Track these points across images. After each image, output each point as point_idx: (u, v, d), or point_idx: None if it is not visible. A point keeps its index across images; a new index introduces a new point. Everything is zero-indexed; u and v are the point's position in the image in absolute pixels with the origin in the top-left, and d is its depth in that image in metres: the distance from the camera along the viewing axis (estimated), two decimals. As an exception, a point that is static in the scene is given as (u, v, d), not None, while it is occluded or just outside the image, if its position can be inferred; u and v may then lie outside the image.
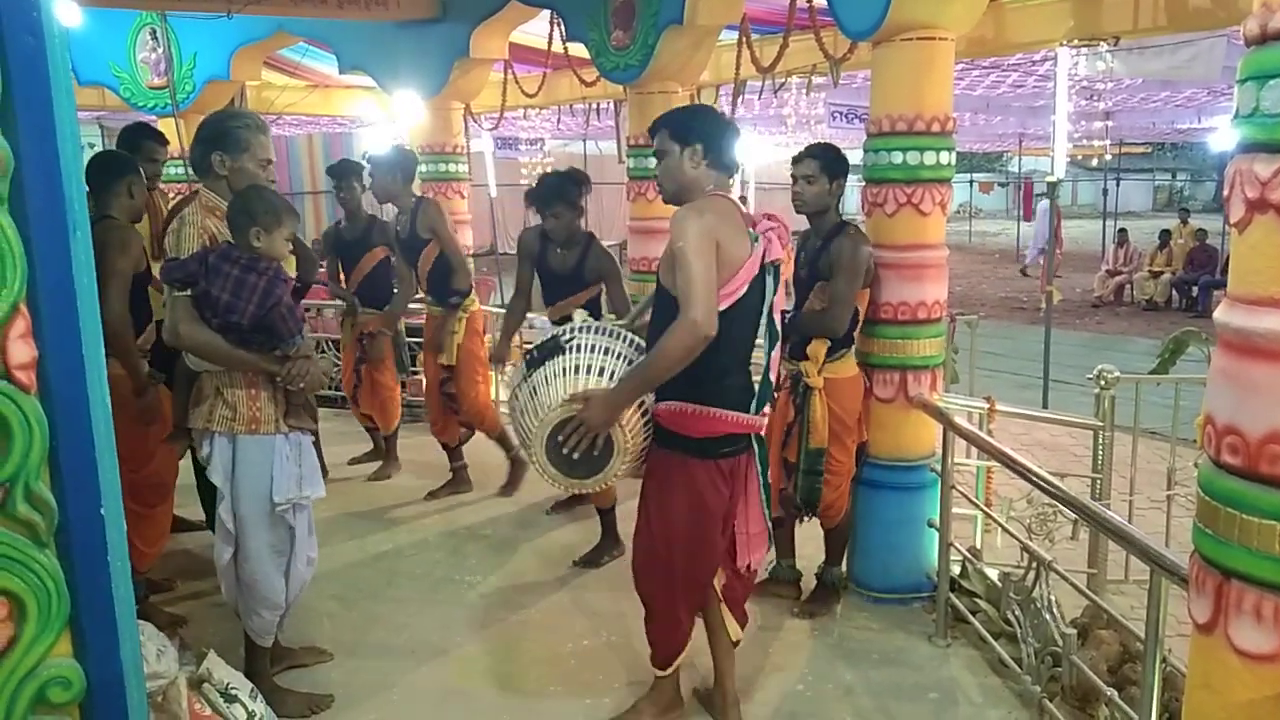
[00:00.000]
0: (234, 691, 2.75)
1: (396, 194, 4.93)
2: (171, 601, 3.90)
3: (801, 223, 3.77)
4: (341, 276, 5.48)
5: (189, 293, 2.86)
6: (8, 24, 1.34)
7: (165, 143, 4.42)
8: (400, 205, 4.97)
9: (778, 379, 3.75)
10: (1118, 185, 21.57)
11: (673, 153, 2.83)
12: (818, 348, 3.61)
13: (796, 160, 3.67)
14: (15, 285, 1.42)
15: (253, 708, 2.83)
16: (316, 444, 3.32)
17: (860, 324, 3.74)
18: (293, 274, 3.09)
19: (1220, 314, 1.73)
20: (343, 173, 5.30)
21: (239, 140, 3.00)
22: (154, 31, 6.60)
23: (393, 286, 5.34)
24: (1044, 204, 17.80)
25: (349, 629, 3.75)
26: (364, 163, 5.16)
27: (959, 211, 31.73)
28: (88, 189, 3.25)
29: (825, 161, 3.61)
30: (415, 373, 6.11)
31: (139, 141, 4.21)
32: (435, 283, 4.98)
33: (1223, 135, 13.33)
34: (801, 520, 3.89)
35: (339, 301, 5.71)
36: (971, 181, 30.77)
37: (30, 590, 1.51)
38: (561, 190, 4.24)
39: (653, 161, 5.09)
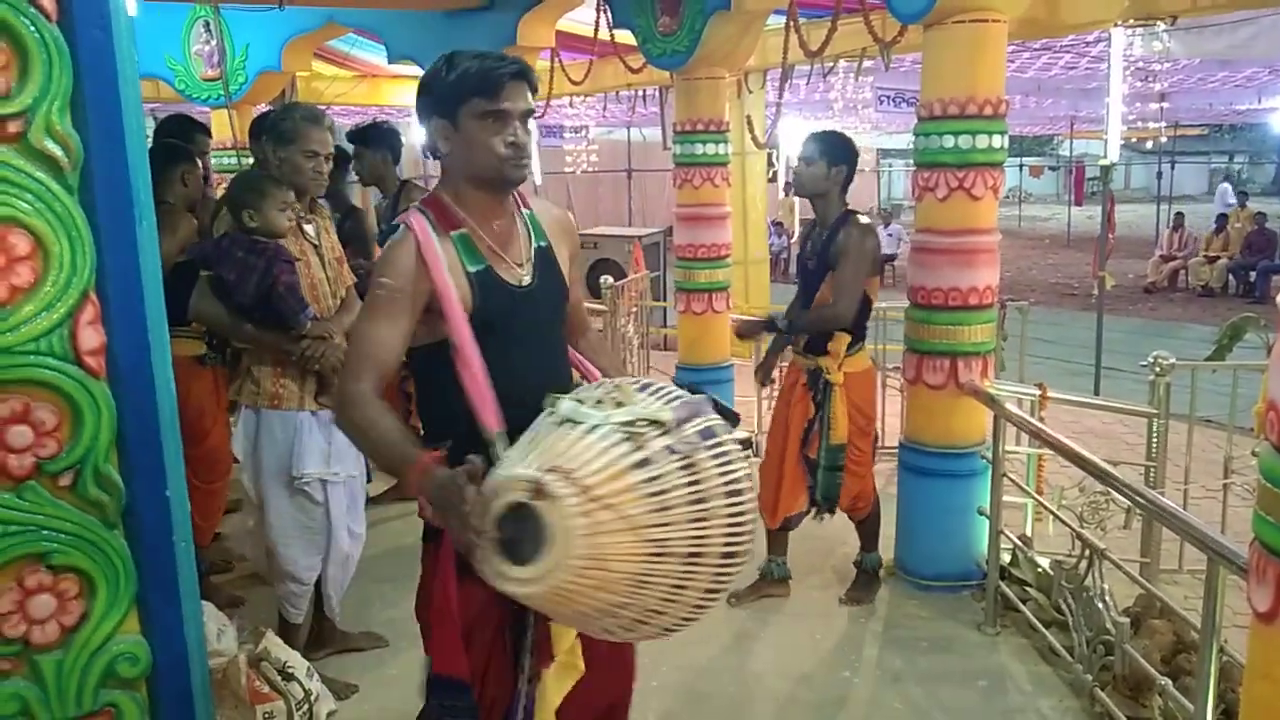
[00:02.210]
0: (291, 670, 2.82)
1: (384, 176, 4.62)
2: (231, 582, 4.00)
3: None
4: None
5: (209, 272, 3.06)
6: (79, 18, 1.38)
7: (208, 133, 4.48)
8: (385, 189, 4.65)
9: (795, 376, 3.75)
10: (1173, 168, 21.12)
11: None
12: (838, 344, 3.58)
13: (803, 144, 3.68)
14: (85, 273, 1.47)
15: (309, 686, 2.91)
16: None
17: (870, 314, 3.71)
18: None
19: (1283, 298, 1.70)
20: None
21: (285, 132, 3.09)
22: (207, 24, 6.71)
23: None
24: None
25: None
26: (348, 144, 4.65)
27: (1009, 196, 31.20)
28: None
29: (825, 145, 3.58)
30: None
31: (190, 133, 4.27)
32: None
33: (1284, 116, 12.98)
34: (821, 517, 3.85)
35: None
36: (1021, 165, 30.23)
37: (99, 569, 1.56)
38: None
39: (699, 148, 5.20)
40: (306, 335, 3.00)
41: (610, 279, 7.42)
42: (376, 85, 9.56)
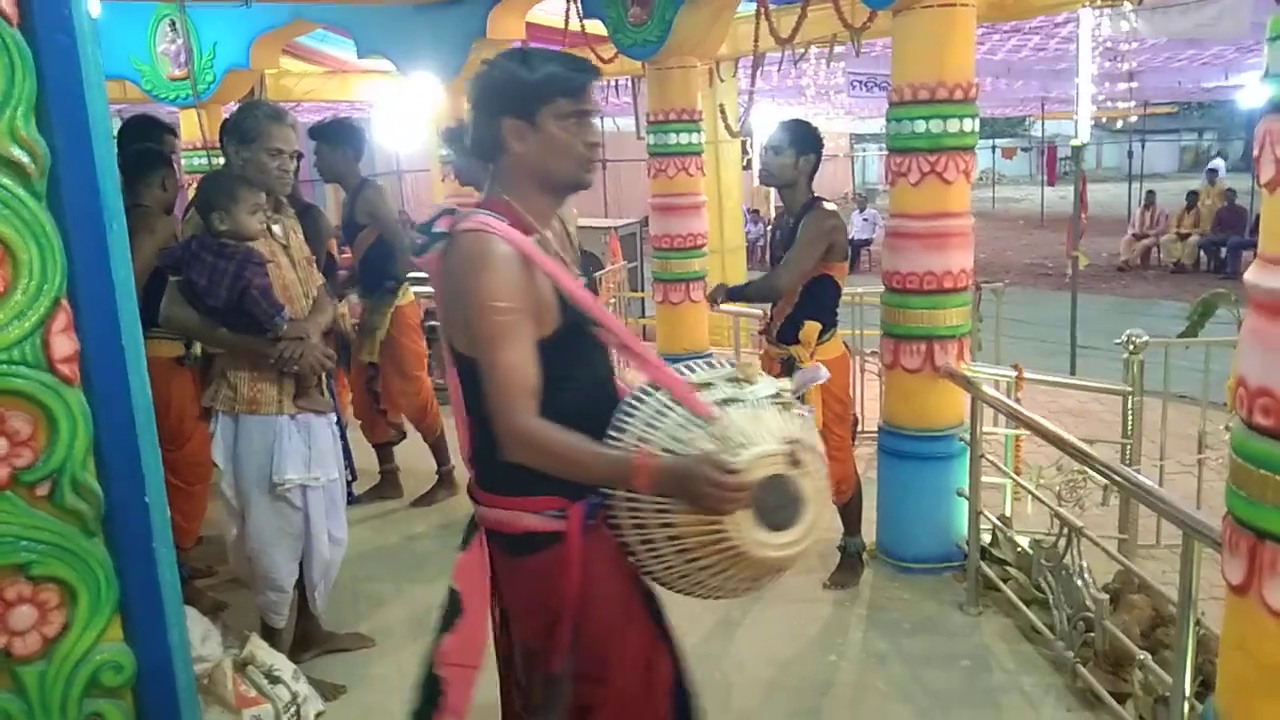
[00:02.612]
0: (277, 673, 2.82)
1: (344, 172, 4.56)
2: (213, 587, 3.98)
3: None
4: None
5: (179, 277, 3.00)
6: (40, 23, 1.36)
7: (175, 133, 4.42)
8: (346, 186, 4.61)
9: (768, 366, 3.76)
10: (1143, 147, 21.30)
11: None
12: (809, 333, 3.60)
13: (770, 134, 3.69)
14: (56, 280, 1.45)
15: (295, 688, 2.90)
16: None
17: (839, 300, 3.71)
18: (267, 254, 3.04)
19: (1251, 275, 1.72)
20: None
21: (248, 131, 3.06)
22: (173, 23, 6.64)
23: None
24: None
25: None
26: (309, 139, 4.56)
27: (982, 178, 31.31)
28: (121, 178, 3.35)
29: (793, 135, 3.60)
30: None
31: (158, 135, 4.21)
32: (367, 271, 4.66)
33: (1251, 92, 13.09)
34: None
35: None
36: (994, 147, 30.41)
37: (80, 578, 1.55)
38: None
39: (673, 138, 5.19)
40: (282, 337, 2.97)
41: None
42: (346, 80, 9.49)
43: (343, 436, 3.44)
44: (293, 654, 3.29)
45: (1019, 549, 3.66)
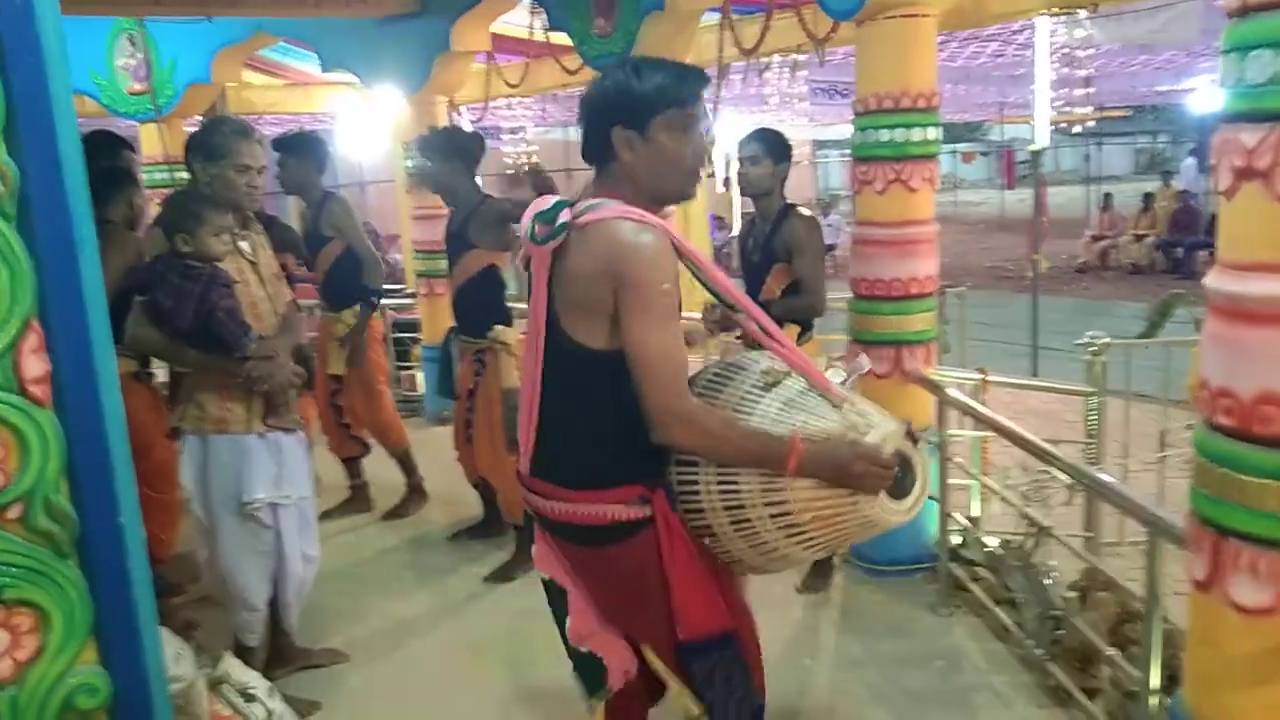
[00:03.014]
0: (252, 691, 2.78)
1: (308, 185, 4.53)
2: (185, 605, 3.93)
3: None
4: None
5: (145, 297, 2.96)
6: (9, 45, 1.36)
7: (132, 149, 4.36)
8: (309, 199, 4.59)
9: None
10: (1100, 150, 21.66)
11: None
12: (789, 334, 3.63)
13: (743, 143, 3.72)
14: (27, 301, 1.44)
15: (272, 706, 2.87)
16: None
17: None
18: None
19: (1211, 280, 1.77)
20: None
21: (214, 148, 3.03)
22: (132, 37, 6.57)
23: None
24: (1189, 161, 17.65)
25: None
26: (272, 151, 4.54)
27: (943, 182, 31.59)
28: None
29: (769, 144, 3.66)
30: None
31: (117, 151, 4.15)
32: (332, 284, 4.63)
33: (1201, 96, 13.38)
34: None
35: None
36: (954, 152, 30.78)
37: (54, 601, 1.54)
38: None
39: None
40: (251, 357, 2.94)
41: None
42: (309, 92, 9.42)
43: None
44: (267, 671, 3.25)
45: (988, 549, 3.70)
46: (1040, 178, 7.70)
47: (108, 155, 3.90)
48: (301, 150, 4.51)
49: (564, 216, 1.84)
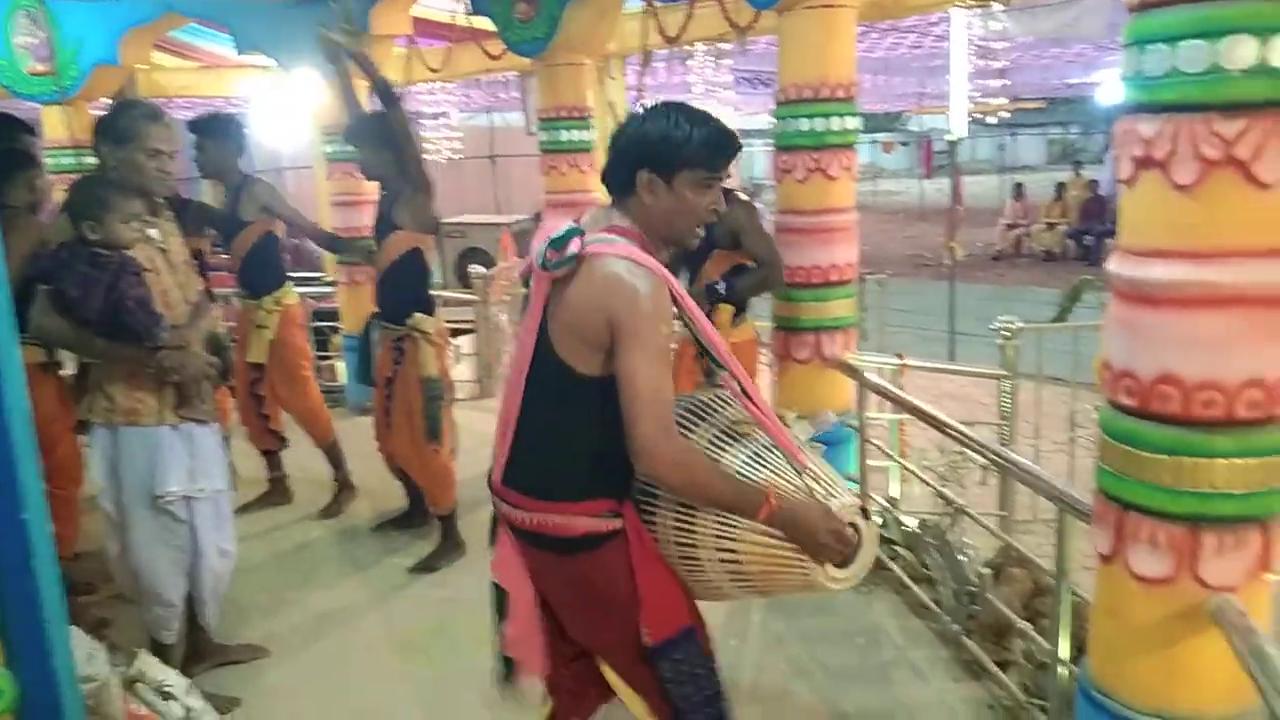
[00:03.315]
0: (169, 689, 2.72)
1: (226, 169, 4.40)
2: (96, 604, 3.81)
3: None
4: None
5: (50, 285, 2.85)
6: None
7: (32, 131, 4.19)
8: (227, 183, 4.44)
9: (685, 348, 3.83)
10: (1014, 140, 22.23)
11: None
12: (724, 315, 3.69)
13: None
14: (-79, 290, 1.39)
15: (189, 703, 2.81)
16: None
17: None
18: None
19: (1113, 265, 1.84)
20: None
21: (122, 131, 2.92)
22: (31, 15, 6.29)
23: None
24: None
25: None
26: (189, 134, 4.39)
27: (864, 172, 32.15)
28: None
29: None
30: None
31: (15, 133, 3.99)
32: (250, 270, 4.50)
33: (1108, 89, 13.81)
34: None
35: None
36: (874, 141, 31.29)
37: (-44, 600, 1.49)
38: None
39: (564, 134, 5.19)
40: (163, 347, 2.86)
41: (480, 268, 7.35)
42: (222, 75, 9.15)
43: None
44: (185, 669, 3.18)
45: (906, 529, 3.80)
46: (956, 167, 7.88)
47: (5, 137, 3.74)
48: (219, 133, 4.38)
49: (574, 247, 1.86)
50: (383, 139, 3.89)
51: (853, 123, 3.80)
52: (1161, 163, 1.67)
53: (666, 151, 1.91)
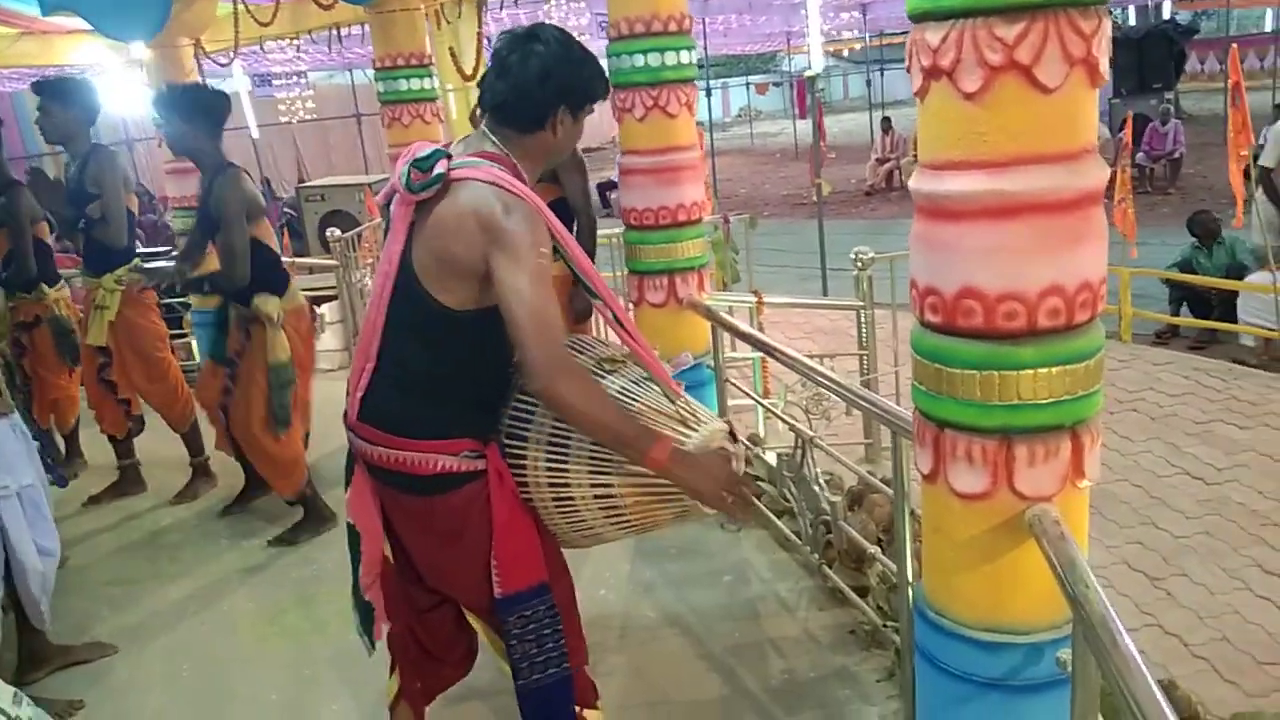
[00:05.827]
0: (-12, 701, 2.54)
1: (73, 135, 4.09)
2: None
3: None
4: None
5: None
6: None
7: None
8: (74, 151, 4.14)
9: None
10: (881, 75, 22.56)
11: None
12: None
13: None
14: None
15: (18, 713, 2.63)
16: None
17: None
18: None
19: (913, 182, 1.81)
20: None
21: None
22: None
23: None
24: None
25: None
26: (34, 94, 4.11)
27: (739, 115, 32.35)
28: None
29: None
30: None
31: None
32: (93, 246, 4.22)
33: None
34: None
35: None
36: (747, 84, 31.40)
37: None
38: None
39: (404, 84, 4.99)
40: None
41: (338, 231, 7.07)
42: (48, 42, 8.52)
43: (39, 437, 3.11)
44: (23, 675, 3.01)
45: (769, 465, 3.82)
46: (818, 103, 7.91)
47: None
48: (66, 97, 4.03)
49: (440, 168, 1.80)
50: (192, 110, 3.63)
51: (688, 57, 3.74)
52: (949, 71, 1.64)
53: (584, 87, 1.94)
